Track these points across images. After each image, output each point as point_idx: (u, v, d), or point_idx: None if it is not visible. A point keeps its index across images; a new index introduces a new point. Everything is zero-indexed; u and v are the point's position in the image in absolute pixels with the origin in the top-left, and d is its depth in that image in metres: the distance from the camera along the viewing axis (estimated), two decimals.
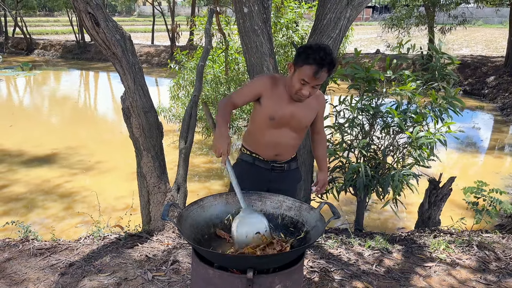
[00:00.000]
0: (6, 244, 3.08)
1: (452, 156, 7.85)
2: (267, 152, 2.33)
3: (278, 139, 2.29)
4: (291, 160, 2.43)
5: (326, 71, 2.06)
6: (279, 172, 2.38)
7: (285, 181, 2.41)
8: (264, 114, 2.24)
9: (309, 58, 2.04)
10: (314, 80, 2.07)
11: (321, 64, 2.03)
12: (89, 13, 2.90)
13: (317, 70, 2.03)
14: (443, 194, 3.93)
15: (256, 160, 2.36)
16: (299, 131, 2.32)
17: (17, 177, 6.53)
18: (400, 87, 3.39)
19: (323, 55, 2.03)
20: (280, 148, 2.32)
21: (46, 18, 41.80)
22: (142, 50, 20.57)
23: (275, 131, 2.27)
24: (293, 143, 2.34)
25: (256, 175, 2.35)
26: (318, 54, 2.03)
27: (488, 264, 3.01)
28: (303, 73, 2.07)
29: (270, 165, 2.36)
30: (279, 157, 2.35)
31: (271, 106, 2.22)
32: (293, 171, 2.46)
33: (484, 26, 41.17)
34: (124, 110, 3.39)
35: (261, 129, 2.29)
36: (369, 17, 53.56)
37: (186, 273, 2.71)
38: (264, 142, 2.31)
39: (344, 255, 3.10)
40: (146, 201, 3.62)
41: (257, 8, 3.29)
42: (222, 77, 6.97)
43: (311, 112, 2.33)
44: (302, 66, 2.07)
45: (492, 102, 12.68)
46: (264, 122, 2.26)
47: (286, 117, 2.24)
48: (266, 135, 2.29)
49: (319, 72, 2.04)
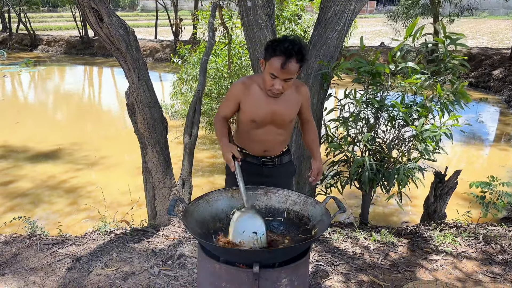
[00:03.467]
0: (13, 239, 3.11)
1: (457, 149, 7.81)
2: (255, 149, 2.35)
3: (265, 137, 2.29)
4: (283, 154, 2.42)
5: (295, 62, 2.00)
6: (271, 166, 2.38)
7: (277, 176, 2.40)
8: (246, 118, 2.26)
9: (276, 50, 2.00)
10: (283, 73, 2.02)
11: (287, 54, 1.97)
12: (92, 8, 2.90)
13: (284, 61, 1.98)
14: (448, 187, 3.92)
15: (246, 156, 2.36)
16: (284, 126, 2.30)
17: (23, 173, 6.57)
18: (405, 80, 3.36)
19: (289, 45, 1.97)
20: (267, 145, 2.32)
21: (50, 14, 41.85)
22: (146, 45, 20.55)
23: (260, 130, 2.27)
24: (280, 138, 2.34)
25: (249, 169, 2.33)
26: (283, 45, 1.98)
27: (494, 257, 3.00)
28: (271, 67, 2.03)
29: (261, 161, 2.36)
30: (268, 152, 2.36)
31: (250, 110, 2.22)
32: (286, 164, 2.45)
33: (489, 17, 40.75)
34: (129, 105, 3.40)
35: (247, 130, 2.30)
36: (373, 10, 53.18)
37: (192, 267, 2.72)
38: (252, 141, 2.32)
39: (349, 248, 3.10)
40: (152, 196, 3.63)
41: (261, 2, 3.28)
42: (225, 71, 6.96)
43: (293, 106, 2.28)
44: (269, 59, 2.03)
45: (497, 94, 12.59)
46: (248, 124, 2.27)
47: (267, 117, 2.23)
48: (252, 135, 2.30)
49: (286, 63, 1.98)
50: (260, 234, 1.78)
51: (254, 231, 1.77)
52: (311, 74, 3.49)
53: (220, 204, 2.01)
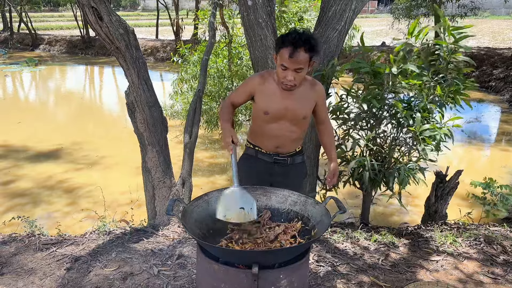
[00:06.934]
0: (12, 239, 3.10)
1: (458, 149, 7.79)
2: (268, 145, 2.37)
3: (277, 132, 2.31)
4: (296, 154, 2.42)
5: (304, 51, 2.05)
6: (282, 165, 2.38)
7: (288, 176, 2.40)
8: (259, 110, 2.30)
9: (284, 41, 2.08)
10: (292, 63, 2.07)
11: (295, 43, 2.04)
12: (92, 7, 2.89)
13: (292, 50, 2.04)
14: (450, 188, 3.90)
15: (259, 153, 2.39)
16: (297, 123, 2.32)
17: (23, 172, 6.56)
18: (406, 80, 3.34)
19: (296, 35, 2.05)
20: (280, 141, 2.34)
21: (51, 13, 41.86)
22: (147, 45, 20.55)
23: (273, 125, 2.30)
24: (293, 136, 2.35)
25: (260, 167, 2.37)
26: (291, 36, 2.06)
27: (496, 258, 2.98)
28: (281, 58, 2.10)
29: (273, 158, 2.37)
30: (280, 149, 2.37)
31: (264, 102, 2.28)
32: (298, 165, 2.44)
33: (491, 17, 40.68)
34: (129, 105, 3.38)
35: (260, 124, 2.34)
36: (375, 9, 53.11)
37: (192, 268, 2.71)
38: (264, 136, 2.35)
39: (350, 249, 3.08)
40: (151, 196, 3.62)
41: (262, 1, 3.26)
42: (226, 71, 6.94)
43: (307, 103, 2.31)
44: (279, 51, 2.11)
45: (498, 94, 12.56)
46: (261, 117, 2.30)
47: (281, 111, 2.26)
48: (265, 130, 2.33)
49: (294, 53, 2.04)
50: (248, 208, 1.80)
51: (241, 206, 1.79)
52: (311, 74, 3.47)
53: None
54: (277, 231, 1.87)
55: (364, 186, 3.64)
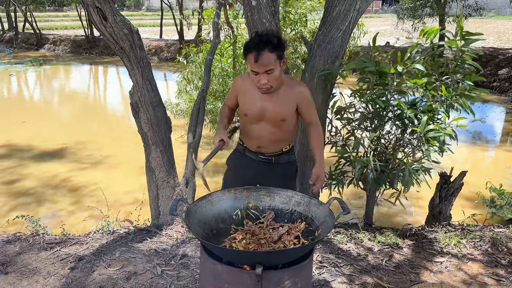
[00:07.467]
0: (16, 238, 3.11)
1: (463, 149, 7.75)
2: (251, 144, 2.41)
3: (258, 133, 2.34)
4: (282, 154, 2.40)
5: (268, 51, 2.03)
6: (267, 164, 2.40)
7: (273, 176, 2.38)
8: (241, 112, 2.37)
9: (247, 47, 2.08)
10: (260, 66, 2.06)
11: (256, 47, 2.03)
12: (96, 7, 2.89)
13: (256, 54, 2.03)
14: (454, 189, 3.88)
15: (246, 150, 2.44)
16: (277, 125, 2.30)
17: (27, 171, 6.59)
18: (411, 80, 3.32)
19: (257, 38, 2.05)
20: (261, 141, 2.36)
21: (56, 13, 42.01)
22: (151, 44, 20.58)
23: (254, 126, 2.34)
24: (274, 137, 2.34)
25: (247, 164, 2.43)
26: (251, 41, 2.07)
27: (500, 259, 2.97)
28: (249, 64, 2.11)
29: (258, 156, 2.40)
30: (263, 149, 2.39)
31: (243, 104, 2.34)
32: (284, 165, 2.42)
33: (496, 17, 40.47)
34: (133, 105, 3.39)
35: (244, 124, 2.39)
36: (379, 9, 52.96)
37: (195, 268, 2.71)
38: (248, 136, 2.40)
39: (353, 250, 3.07)
40: (155, 196, 3.63)
41: (266, 1, 3.26)
42: (230, 71, 6.95)
43: (285, 104, 2.26)
44: (245, 58, 2.12)
45: (504, 95, 12.49)
46: (243, 118, 2.36)
47: (258, 112, 2.28)
48: (248, 130, 2.38)
49: (259, 56, 2.03)
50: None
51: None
52: (315, 74, 3.47)
53: (223, 204, 2.00)
54: (280, 232, 1.86)
55: (368, 187, 3.63)
